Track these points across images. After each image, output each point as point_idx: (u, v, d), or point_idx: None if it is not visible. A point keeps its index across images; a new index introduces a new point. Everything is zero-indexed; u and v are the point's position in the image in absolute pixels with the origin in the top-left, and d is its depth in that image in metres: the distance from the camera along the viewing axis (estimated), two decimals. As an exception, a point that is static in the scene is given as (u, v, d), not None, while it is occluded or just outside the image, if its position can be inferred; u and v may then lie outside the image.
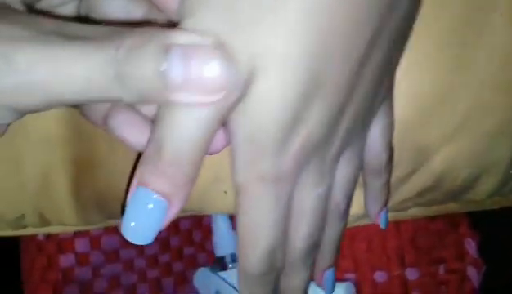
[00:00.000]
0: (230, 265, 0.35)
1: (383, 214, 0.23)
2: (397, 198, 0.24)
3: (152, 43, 0.13)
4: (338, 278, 0.28)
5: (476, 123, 0.23)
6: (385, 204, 0.23)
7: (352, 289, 0.29)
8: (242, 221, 0.17)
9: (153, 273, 0.34)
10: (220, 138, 0.16)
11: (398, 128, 0.22)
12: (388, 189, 0.23)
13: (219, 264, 0.36)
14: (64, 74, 0.13)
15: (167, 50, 0.13)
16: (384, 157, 0.21)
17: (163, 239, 0.34)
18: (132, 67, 0.13)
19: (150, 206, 0.14)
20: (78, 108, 0.20)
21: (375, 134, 0.21)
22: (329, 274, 0.23)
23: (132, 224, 0.14)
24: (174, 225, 0.35)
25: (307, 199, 0.18)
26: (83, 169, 0.24)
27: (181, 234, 0.35)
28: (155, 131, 0.15)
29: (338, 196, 0.20)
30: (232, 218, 0.36)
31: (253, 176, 0.16)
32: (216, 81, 0.13)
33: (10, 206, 0.26)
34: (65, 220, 0.27)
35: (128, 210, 0.15)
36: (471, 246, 0.29)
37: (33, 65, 0.13)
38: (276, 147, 0.16)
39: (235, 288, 0.34)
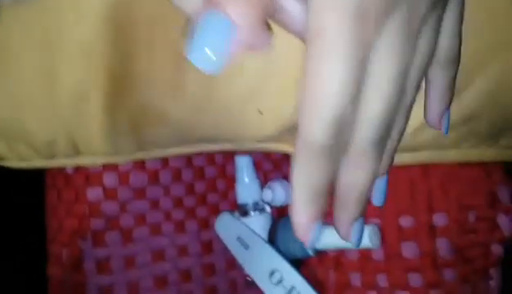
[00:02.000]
0: (252, 213, 0.35)
1: (446, 117, 0.21)
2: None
3: None
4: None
5: None
6: (449, 105, 0.21)
7: (377, 231, 0.28)
8: (310, 76, 0.15)
9: (178, 215, 0.34)
10: None
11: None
12: (454, 86, 0.20)
13: (241, 211, 0.36)
14: None
15: None
16: (457, 42, 0.19)
17: (188, 183, 0.34)
18: None
19: (222, 32, 0.14)
20: None
21: (448, 15, 0.18)
22: (378, 184, 0.20)
23: (204, 48, 0.14)
24: (199, 171, 0.35)
25: (386, 65, 0.16)
26: (119, 85, 0.24)
27: (206, 181, 0.36)
28: None
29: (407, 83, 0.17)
30: (256, 166, 0.36)
31: (333, 15, 0.14)
32: None
33: (42, 126, 0.27)
34: (96, 145, 0.28)
35: (196, 34, 0.14)
36: (504, 193, 0.28)
37: None
38: None
39: (256, 234, 0.34)
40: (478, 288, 0.29)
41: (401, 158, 0.26)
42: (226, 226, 0.35)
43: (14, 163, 0.31)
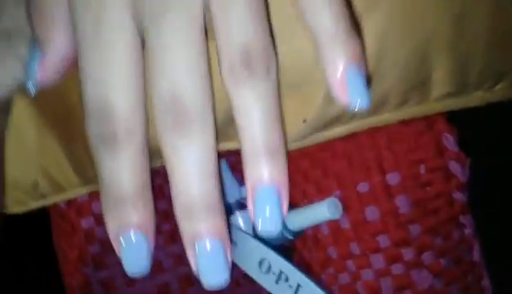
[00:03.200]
0: (236, 212, 0.37)
1: (352, 79, 0.16)
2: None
3: None
4: (324, 198, 0.30)
5: None
6: (350, 57, 0.16)
7: (337, 203, 0.30)
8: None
9: (166, 227, 0.36)
10: None
11: None
12: (347, 30, 0.17)
13: (228, 210, 0.38)
14: None
15: None
16: None
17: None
18: None
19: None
20: None
21: None
22: (260, 193, 0.20)
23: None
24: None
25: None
26: (65, 122, 0.28)
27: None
28: None
29: (224, 48, 0.17)
30: (231, 166, 0.38)
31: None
32: None
33: (23, 172, 0.31)
34: (72, 178, 0.31)
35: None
36: (449, 140, 0.28)
37: None
38: None
39: (240, 230, 0.36)
40: (451, 238, 0.30)
41: (339, 131, 0.28)
42: (214, 228, 0.37)
43: (15, 209, 0.35)
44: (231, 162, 0.38)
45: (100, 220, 0.35)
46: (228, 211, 0.38)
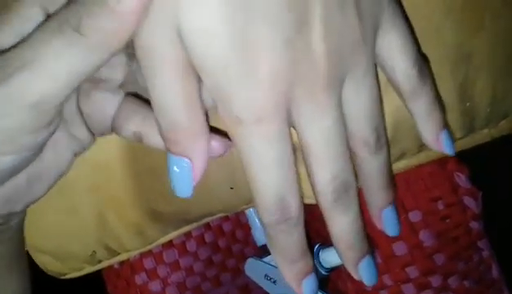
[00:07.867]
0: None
1: (443, 137, 0.23)
2: None
3: None
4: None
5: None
6: (442, 125, 0.23)
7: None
8: (245, 171, 0.19)
9: (211, 273, 0.40)
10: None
11: None
12: (437, 106, 0.22)
13: (262, 251, 0.41)
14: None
15: None
16: (412, 72, 0.21)
17: (212, 243, 0.41)
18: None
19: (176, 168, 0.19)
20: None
21: (389, 44, 0.20)
22: (387, 213, 0.24)
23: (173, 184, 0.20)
24: (219, 229, 0.41)
25: (311, 138, 0.19)
26: (126, 201, 0.31)
27: (227, 236, 0.42)
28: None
29: (361, 131, 0.20)
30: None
31: (231, 122, 0.18)
32: None
33: (81, 246, 0.34)
34: (127, 244, 0.35)
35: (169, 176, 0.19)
36: (461, 179, 0.32)
37: None
38: (237, 75, 0.16)
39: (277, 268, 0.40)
40: (472, 262, 0.33)
41: None
42: (254, 269, 0.40)
43: (71, 275, 0.38)
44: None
45: (151, 275, 0.38)
46: (265, 251, 0.42)
